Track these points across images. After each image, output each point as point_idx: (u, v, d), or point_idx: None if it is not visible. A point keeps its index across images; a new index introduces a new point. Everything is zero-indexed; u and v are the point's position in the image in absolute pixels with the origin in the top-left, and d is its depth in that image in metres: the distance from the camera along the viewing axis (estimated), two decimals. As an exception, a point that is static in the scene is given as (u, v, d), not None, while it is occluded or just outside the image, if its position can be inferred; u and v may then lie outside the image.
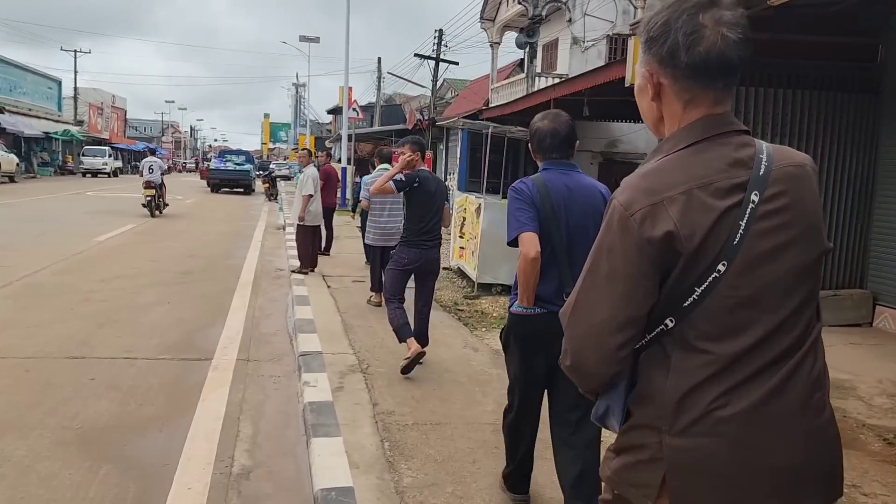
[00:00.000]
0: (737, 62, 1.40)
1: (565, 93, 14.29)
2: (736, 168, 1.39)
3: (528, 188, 3.04)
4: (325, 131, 65.55)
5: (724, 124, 1.43)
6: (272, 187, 28.57)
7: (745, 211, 1.36)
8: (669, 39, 1.40)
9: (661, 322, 1.41)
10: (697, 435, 1.37)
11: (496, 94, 26.35)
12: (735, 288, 1.37)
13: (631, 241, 1.38)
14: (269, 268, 10.93)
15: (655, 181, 1.40)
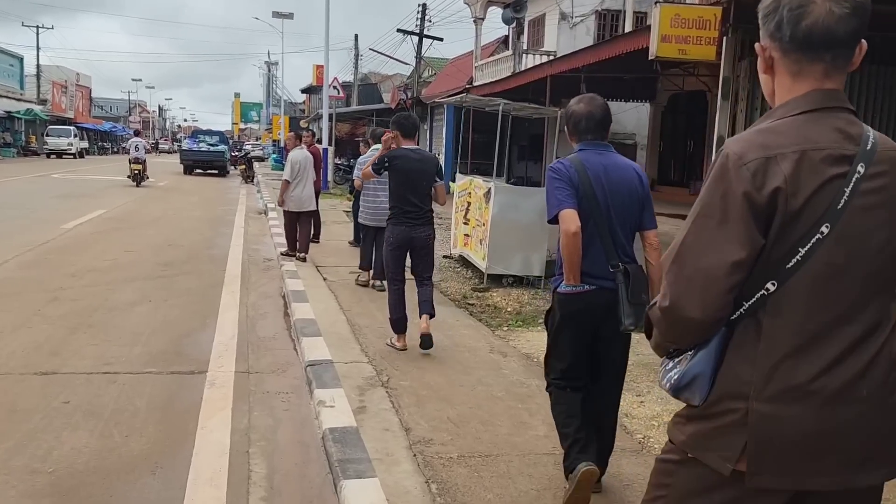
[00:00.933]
0: (842, 36, 1.43)
1: (565, 68, 13.54)
2: (846, 140, 1.43)
3: (565, 167, 3.08)
4: (298, 111, 64.09)
5: (835, 99, 1.48)
6: (249, 169, 27.46)
7: (851, 181, 1.40)
8: (777, 15, 1.47)
9: (762, 286, 1.43)
10: (785, 403, 1.42)
11: (480, 71, 25.47)
12: (833, 255, 1.41)
13: (744, 187, 1.41)
14: (256, 258, 10.06)
15: (770, 138, 1.44)
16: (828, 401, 1.42)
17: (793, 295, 1.43)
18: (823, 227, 1.40)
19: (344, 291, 7.76)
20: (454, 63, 32.29)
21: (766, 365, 1.43)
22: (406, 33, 23.64)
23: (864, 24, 1.46)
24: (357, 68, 36.81)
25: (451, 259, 10.22)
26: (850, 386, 1.42)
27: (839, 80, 1.50)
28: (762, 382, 1.43)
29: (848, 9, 1.42)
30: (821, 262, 1.41)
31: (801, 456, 1.43)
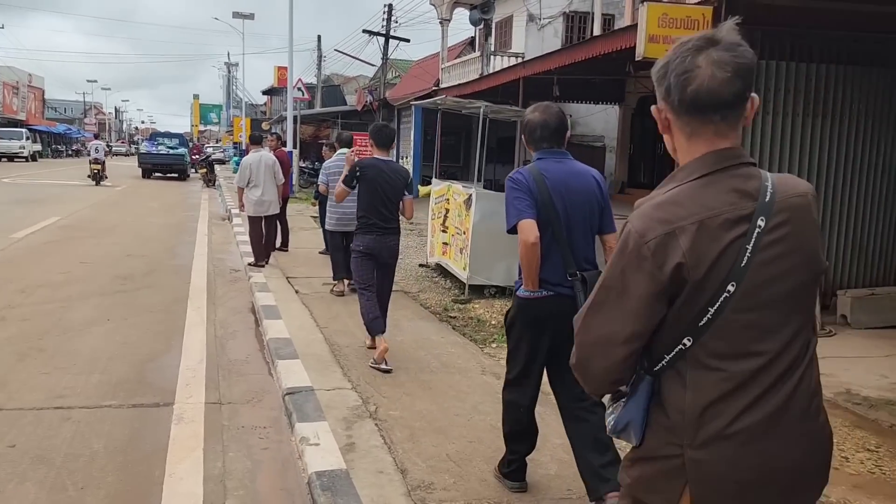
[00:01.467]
0: (727, 98, 1.48)
1: (539, 69, 13.20)
2: (744, 199, 1.48)
3: (524, 177, 3.12)
4: (259, 113, 63.03)
5: (731, 158, 1.52)
6: (210, 172, 26.62)
7: (752, 237, 1.46)
8: (666, 80, 1.53)
9: (679, 342, 1.50)
10: (717, 447, 1.48)
11: (447, 73, 25.07)
12: (742, 309, 1.47)
13: (644, 266, 1.47)
14: (222, 268, 9.49)
15: (670, 211, 1.48)
16: (755, 438, 1.49)
17: (709, 348, 1.49)
18: (730, 286, 1.46)
19: (319, 305, 7.27)
20: (420, 65, 31.84)
21: (695, 414, 1.50)
22: (372, 34, 23.11)
23: (749, 84, 1.51)
24: (320, 70, 36.13)
25: (428, 268, 9.78)
26: (773, 422, 1.49)
27: (733, 138, 1.54)
28: (693, 430, 1.50)
29: (730, 72, 1.47)
30: (731, 316, 1.48)
31: (737, 492, 1.50)
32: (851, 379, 5.41)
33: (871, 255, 7.31)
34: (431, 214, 9.76)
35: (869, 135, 7.16)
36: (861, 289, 7.18)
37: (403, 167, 6.02)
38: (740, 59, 1.48)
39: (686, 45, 1.52)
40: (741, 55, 1.48)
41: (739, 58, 1.48)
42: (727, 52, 1.48)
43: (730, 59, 1.47)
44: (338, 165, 8.42)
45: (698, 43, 1.51)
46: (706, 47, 1.49)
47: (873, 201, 7.25)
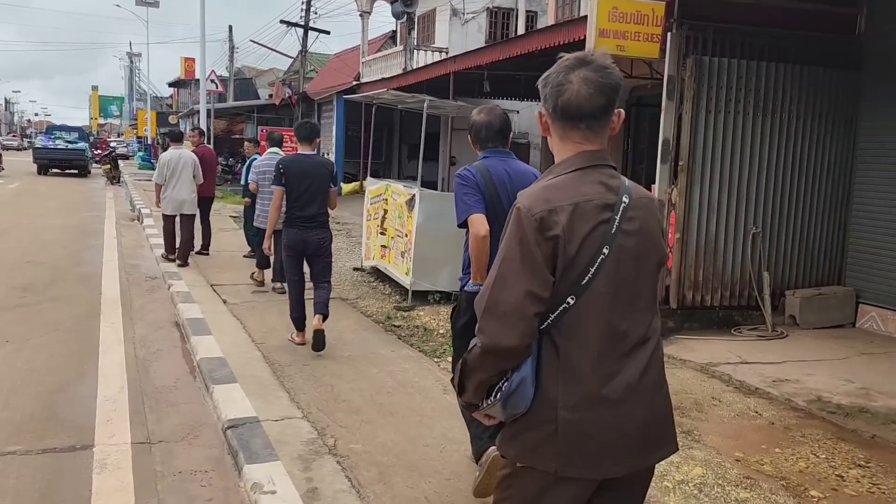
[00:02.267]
0: (590, 111, 1.76)
1: (470, 64, 12.82)
2: (608, 191, 1.76)
3: (472, 174, 3.25)
4: (165, 106, 60.30)
5: (598, 159, 1.80)
6: (114, 168, 24.99)
7: (616, 219, 1.74)
8: (546, 89, 1.80)
9: (563, 300, 1.71)
10: (585, 410, 1.71)
11: (368, 67, 24.40)
12: (613, 273, 1.73)
13: (534, 235, 1.69)
14: (136, 276, 8.63)
15: (552, 193, 1.74)
16: (616, 403, 1.72)
17: (588, 306, 1.71)
18: (605, 248, 1.71)
19: (251, 317, 6.62)
20: (338, 58, 30.97)
21: (567, 379, 1.72)
22: (290, 25, 22.14)
23: (613, 101, 1.77)
24: (232, 62, 34.61)
25: (364, 272, 9.23)
26: (631, 388, 1.73)
27: (599, 143, 1.80)
28: (565, 394, 1.71)
29: (593, 90, 1.74)
30: (606, 277, 1.72)
31: (602, 450, 1.72)
32: (819, 385, 5.26)
33: (817, 254, 7.27)
34: (367, 216, 9.20)
35: (815, 134, 7.11)
36: (808, 289, 7.14)
37: (328, 160, 6.02)
38: (605, 79, 1.75)
39: (564, 63, 1.78)
40: (606, 76, 1.76)
41: (604, 78, 1.75)
42: (594, 73, 1.75)
43: (595, 78, 1.74)
44: (268, 165, 8.04)
45: (573, 62, 1.77)
46: (578, 66, 1.76)
47: (819, 201, 7.21)
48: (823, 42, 7.09)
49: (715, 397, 4.94)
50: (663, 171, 6.73)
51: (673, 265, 6.79)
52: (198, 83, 48.20)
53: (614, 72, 1.78)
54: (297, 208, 5.53)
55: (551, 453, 1.71)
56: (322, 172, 5.61)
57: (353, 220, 15.23)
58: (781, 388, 5.18)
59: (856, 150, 7.27)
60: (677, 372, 5.48)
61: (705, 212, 6.82)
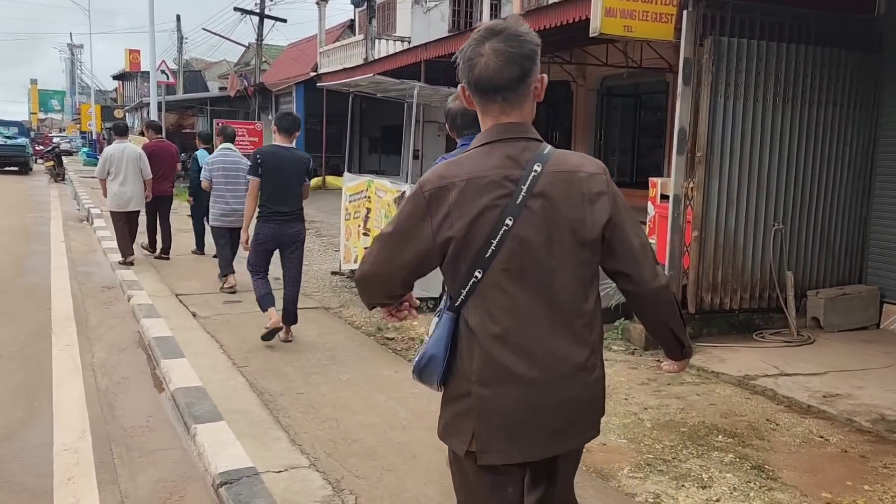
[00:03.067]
0: (502, 83, 1.70)
1: (445, 52, 12.09)
2: (514, 166, 1.70)
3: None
4: (109, 100, 58.06)
5: (512, 131, 1.74)
6: (58, 165, 23.49)
7: (522, 190, 1.67)
8: (460, 63, 1.75)
9: (472, 275, 1.68)
10: (499, 385, 1.68)
11: (326, 58, 23.46)
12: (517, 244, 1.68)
13: (419, 211, 1.70)
14: (91, 286, 7.70)
15: (450, 169, 1.71)
16: (532, 381, 1.69)
17: (495, 281, 1.68)
18: (507, 220, 1.66)
19: (228, 334, 5.82)
20: (293, 49, 29.87)
21: (479, 354, 1.69)
22: (245, 12, 20.99)
23: (528, 69, 1.71)
24: (181, 53, 33.13)
25: (343, 276, 8.46)
26: (549, 367, 1.70)
27: (518, 113, 1.75)
28: (478, 368, 1.69)
29: (503, 61, 1.68)
30: (511, 250, 1.68)
31: (519, 431, 1.70)
32: (875, 401, 4.73)
33: (838, 251, 6.80)
34: (346, 214, 8.43)
35: (836, 122, 6.61)
36: (831, 289, 6.66)
37: (305, 154, 5.86)
38: (516, 48, 1.68)
39: (475, 34, 1.72)
40: (518, 45, 1.68)
41: (516, 47, 1.68)
42: (504, 43, 1.68)
43: (505, 48, 1.68)
44: (221, 161, 7.54)
45: (483, 34, 1.71)
46: (489, 37, 1.70)
47: (839, 194, 6.72)
48: (843, 22, 6.59)
49: (769, 419, 4.37)
50: (679, 163, 6.14)
51: (690, 266, 6.23)
52: (144, 76, 46.39)
53: (528, 38, 1.70)
54: (272, 202, 5.38)
55: (465, 433, 1.70)
56: (299, 167, 5.52)
57: (319, 217, 14.40)
58: (836, 404, 4.64)
59: (877, 139, 6.80)
60: (716, 388, 4.91)
61: (724, 207, 6.25)
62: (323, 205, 16.48)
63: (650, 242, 8.89)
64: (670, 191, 6.23)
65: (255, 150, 5.60)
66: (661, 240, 7.16)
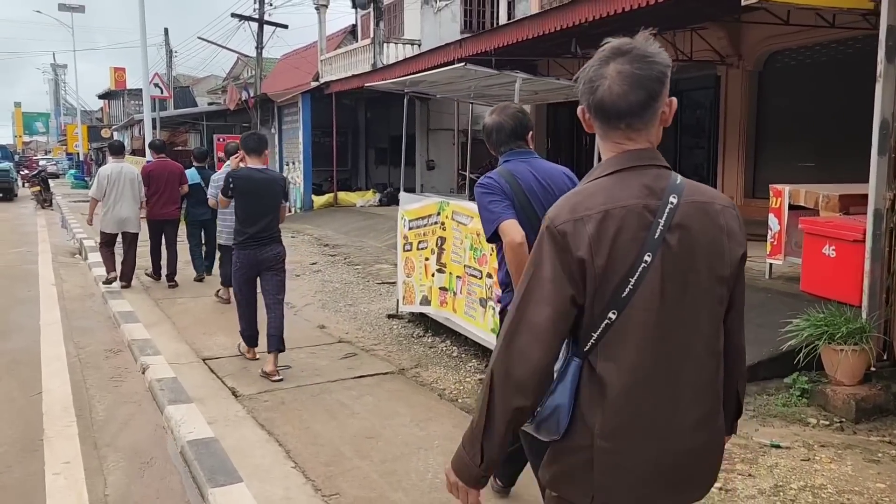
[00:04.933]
0: (627, 108, 1.50)
1: (489, 47, 10.48)
2: (650, 195, 1.50)
3: (495, 180, 2.84)
4: (95, 120, 56.29)
5: (642, 158, 1.54)
6: (45, 190, 21.65)
7: (659, 223, 1.48)
8: (580, 84, 1.57)
9: (605, 317, 1.48)
10: (623, 438, 1.50)
11: (328, 65, 21.79)
12: (658, 283, 1.48)
13: (556, 249, 1.48)
14: (91, 349, 5.98)
15: (580, 201, 1.51)
16: (658, 434, 1.51)
17: (630, 322, 1.47)
18: (646, 256, 1.47)
19: (291, 430, 4.12)
20: (289, 58, 28.22)
21: (606, 405, 1.49)
22: (243, 18, 19.32)
23: (656, 93, 1.51)
24: (171, 67, 31.31)
25: (401, 320, 6.79)
26: (677, 419, 1.52)
27: (645, 140, 1.55)
28: (603, 421, 1.49)
29: (629, 85, 1.49)
30: (650, 289, 1.47)
31: (644, 484, 1.53)
32: None
33: None
34: (404, 243, 6.76)
35: None
36: None
37: (279, 174, 5.73)
38: (644, 70, 1.49)
39: (599, 54, 1.54)
40: (646, 67, 1.50)
41: (643, 69, 1.49)
42: (630, 64, 1.49)
43: (631, 71, 1.49)
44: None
45: (607, 53, 1.53)
46: (613, 57, 1.52)
47: None
48: None
49: None
50: (881, 165, 4.55)
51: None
52: (131, 94, 44.49)
53: (658, 59, 1.50)
54: (248, 226, 5.15)
55: (585, 485, 1.53)
56: (275, 190, 5.26)
57: (341, 239, 12.71)
58: None
59: None
60: None
61: (936, 224, 4.67)
62: (339, 224, 14.80)
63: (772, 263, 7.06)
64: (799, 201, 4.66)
65: (228, 173, 5.29)
66: (810, 264, 5.57)
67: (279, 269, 5.29)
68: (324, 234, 13.67)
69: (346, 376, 5.11)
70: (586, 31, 8.89)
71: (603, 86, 1.50)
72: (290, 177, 18.91)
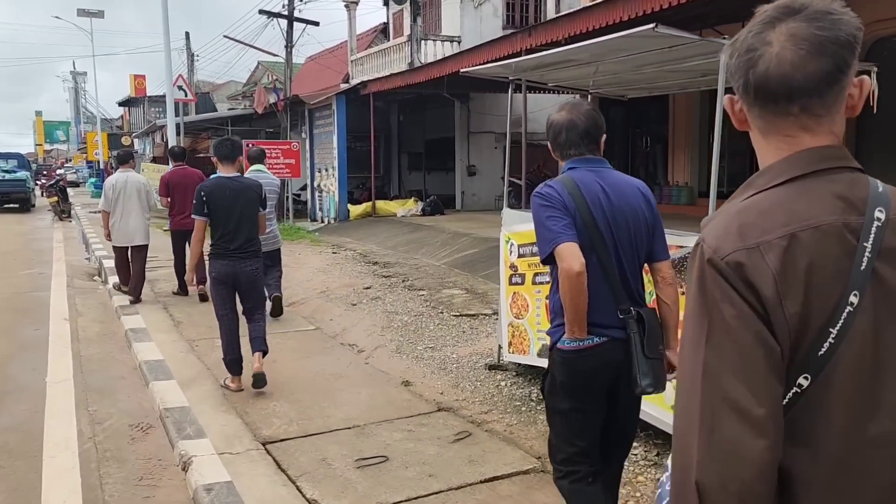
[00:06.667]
0: (804, 83, 1.06)
1: (567, 33, 8.89)
2: (849, 209, 1.06)
3: (556, 191, 2.44)
4: (115, 127, 55.50)
5: (829, 158, 1.09)
6: (63, 201, 20.29)
7: (867, 248, 1.04)
8: (733, 59, 1.13)
9: (793, 384, 1.03)
10: None
11: (360, 66, 20.32)
12: (862, 350, 1.03)
13: (734, 290, 1.02)
14: (112, 422, 4.42)
15: (750, 221, 1.06)
16: None
17: (829, 392, 1.03)
18: (852, 296, 1.02)
19: None
20: (314, 61, 26.81)
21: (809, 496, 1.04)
22: (272, 15, 17.80)
23: (842, 64, 1.05)
24: (192, 70, 29.98)
25: (505, 371, 5.22)
26: None
27: (828, 132, 1.09)
28: None
29: (806, 49, 1.05)
30: (859, 342, 1.02)
31: None
32: None
33: None
34: (510, 274, 5.18)
35: None
36: None
37: (254, 180, 5.24)
38: (826, 31, 1.05)
39: (759, 16, 1.11)
40: (830, 26, 1.05)
41: (825, 30, 1.05)
42: (808, 24, 1.06)
43: (809, 32, 1.05)
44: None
45: (773, 13, 1.09)
46: (783, 18, 1.08)
47: None
48: None
49: None
50: None
51: None
52: (151, 100, 43.30)
53: (845, 18, 1.05)
54: (224, 240, 4.78)
55: None
56: (250, 196, 4.91)
57: (389, 255, 11.17)
58: None
59: None
60: None
61: None
62: (383, 237, 13.27)
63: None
64: None
65: (198, 186, 4.91)
66: None
67: (259, 286, 5.07)
68: (368, 248, 12.14)
69: (471, 478, 3.54)
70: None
71: (768, 54, 1.06)
72: (323, 184, 17.40)
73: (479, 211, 17.03)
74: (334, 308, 7.55)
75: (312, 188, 18.25)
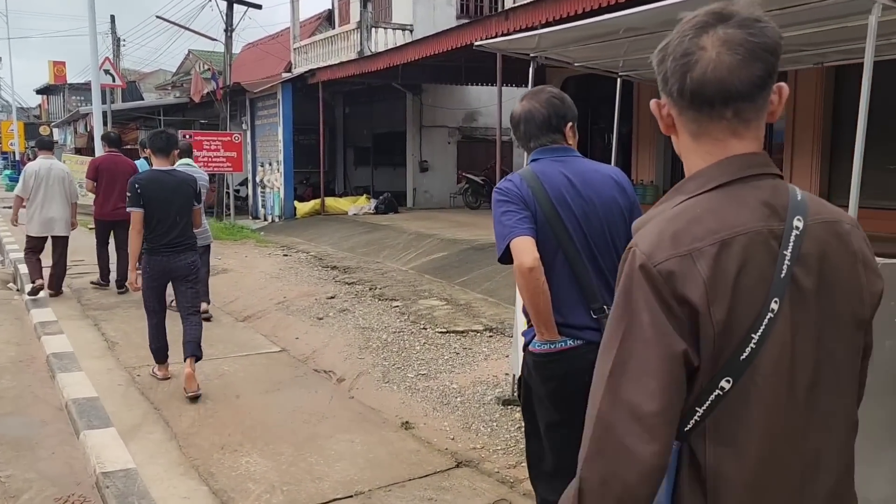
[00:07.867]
0: (739, 87, 1.08)
1: (532, 21, 8.05)
2: (773, 216, 1.08)
3: (515, 185, 2.29)
4: (32, 117, 52.15)
5: (755, 164, 1.11)
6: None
7: (786, 256, 1.06)
8: (664, 64, 1.12)
9: (715, 386, 1.05)
10: None
11: (303, 54, 19.09)
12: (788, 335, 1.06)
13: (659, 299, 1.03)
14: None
15: (682, 228, 1.06)
16: None
17: (748, 394, 1.05)
18: (772, 303, 1.04)
19: None
20: (253, 48, 25.32)
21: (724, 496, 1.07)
22: (210, -3, 16.42)
23: (771, 70, 1.09)
24: (118, 56, 27.85)
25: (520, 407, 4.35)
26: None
27: (754, 137, 1.12)
28: None
29: (741, 54, 1.06)
30: (778, 347, 1.05)
31: None
32: None
33: None
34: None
35: None
36: None
37: (189, 175, 5.10)
38: (756, 37, 1.07)
39: (690, 21, 1.11)
40: (760, 33, 1.08)
41: (756, 36, 1.07)
42: (740, 30, 1.08)
43: (742, 38, 1.07)
44: None
45: (704, 18, 1.10)
46: (714, 24, 1.09)
47: None
48: None
49: None
50: None
51: None
52: (71, 88, 40.50)
53: (769, 26, 1.08)
54: (159, 235, 4.69)
55: None
56: (185, 192, 4.82)
57: (346, 259, 10.13)
58: None
59: None
60: None
61: None
62: (337, 237, 12.21)
63: None
64: None
65: (132, 179, 4.76)
66: None
67: (193, 280, 4.92)
68: (322, 250, 11.07)
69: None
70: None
71: (705, 58, 1.06)
72: (267, 180, 16.14)
73: (434, 209, 16.15)
74: (298, 323, 6.52)
75: (254, 183, 16.96)
